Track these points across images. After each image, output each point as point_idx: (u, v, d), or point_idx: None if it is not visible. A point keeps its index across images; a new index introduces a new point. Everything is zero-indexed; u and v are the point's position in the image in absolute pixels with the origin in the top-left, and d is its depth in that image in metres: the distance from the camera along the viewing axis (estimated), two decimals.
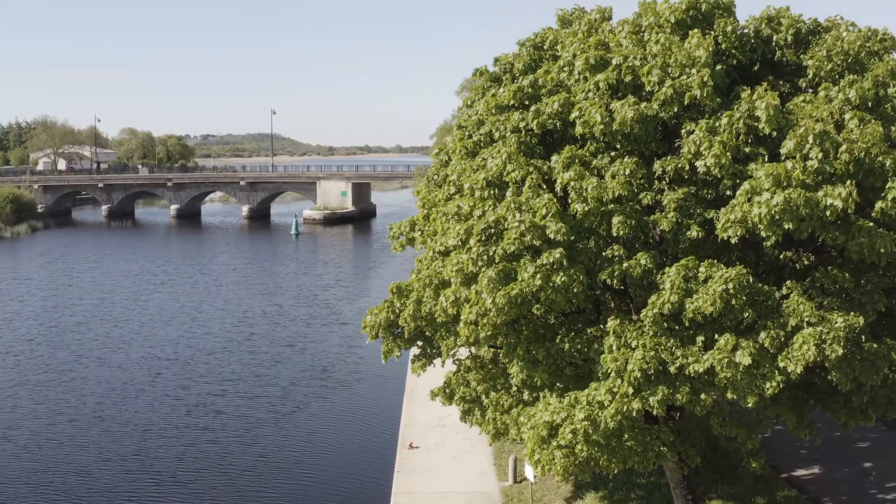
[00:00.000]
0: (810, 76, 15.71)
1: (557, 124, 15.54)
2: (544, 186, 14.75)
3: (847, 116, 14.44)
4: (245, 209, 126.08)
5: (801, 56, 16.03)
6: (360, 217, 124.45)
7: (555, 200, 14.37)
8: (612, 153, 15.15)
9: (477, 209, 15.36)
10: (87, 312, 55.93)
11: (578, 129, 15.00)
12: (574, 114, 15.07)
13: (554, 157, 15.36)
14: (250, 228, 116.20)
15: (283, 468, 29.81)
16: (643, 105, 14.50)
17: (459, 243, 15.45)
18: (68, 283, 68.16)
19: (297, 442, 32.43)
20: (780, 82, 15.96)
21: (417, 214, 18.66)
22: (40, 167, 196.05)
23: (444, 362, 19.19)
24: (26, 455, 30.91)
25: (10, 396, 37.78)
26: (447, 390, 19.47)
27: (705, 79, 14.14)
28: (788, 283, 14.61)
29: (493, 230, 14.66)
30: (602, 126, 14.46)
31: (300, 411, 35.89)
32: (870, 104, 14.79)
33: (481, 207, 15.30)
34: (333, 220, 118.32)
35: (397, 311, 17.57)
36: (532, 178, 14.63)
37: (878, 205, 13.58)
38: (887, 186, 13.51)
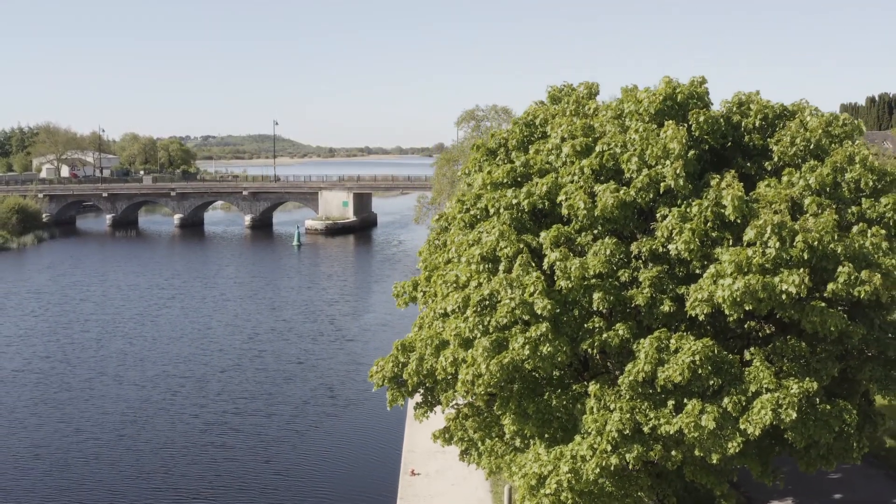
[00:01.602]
0: (775, 159, 17.43)
1: (546, 204, 17.26)
2: (533, 264, 16.47)
3: (806, 202, 16.20)
4: (248, 218, 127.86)
5: (769, 139, 17.76)
6: (362, 227, 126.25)
7: (542, 278, 16.09)
8: (595, 231, 16.86)
9: (473, 280, 17.09)
10: (101, 329, 57.63)
11: (564, 211, 16.74)
12: (561, 197, 16.80)
13: (543, 234, 17.07)
14: (253, 238, 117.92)
15: (295, 488, 31.62)
16: (622, 192, 16.23)
17: (457, 309, 17.20)
18: (80, 297, 69.85)
19: (308, 461, 34.20)
20: (748, 164, 17.69)
21: (420, 275, 20.39)
22: (44, 173, 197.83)
23: (444, 409, 20.93)
24: (55, 472, 32.74)
25: (34, 414, 39.55)
26: (446, 434, 21.18)
27: (678, 171, 15.88)
28: (752, 349, 16.37)
29: (487, 302, 16.41)
30: (585, 212, 16.19)
31: (310, 431, 37.58)
32: (828, 189, 16.54)
33: (477, 279, 17.03)
34: (335, 230, 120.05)
35: (401, 365, 19.30)
36: (522, 257, 16.35)
37: (830, 286, 15.29)
38: (838, 270, 15.23)
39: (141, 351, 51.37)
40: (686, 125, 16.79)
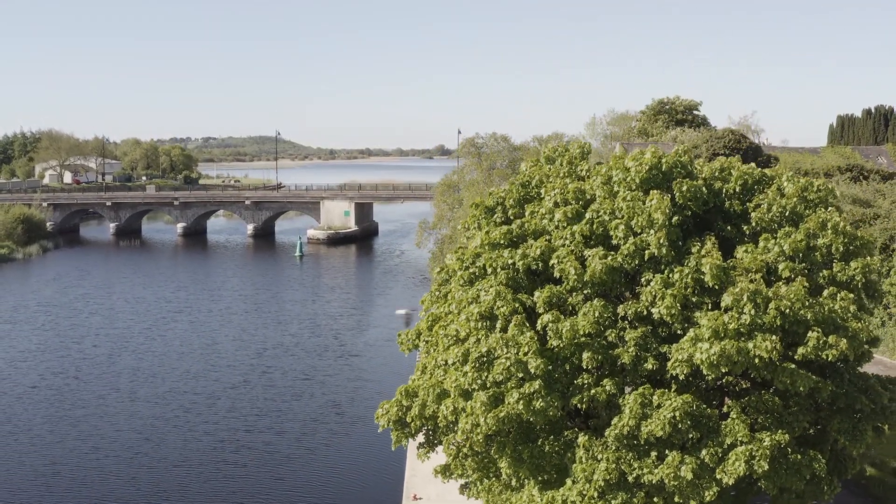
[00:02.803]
0: (753, 224, 18.79)
1: (540, 265, 18.63)
2: (527, 324, 17.83)
3: (781, 266, 17.59)
4: (250, 228, 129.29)
5: (748, 204, 19.12)
6: (363, 236, 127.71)
7: (535, 338, 17.46)
8: (586, 292, 18.22)
9: (472, 336, 18.47)
10: (112, 344, 59.10)
11: (556, 273, 18.11)
12: (553, 260, 18.17)
13: (537, 293, 18.43)
14: (255, 248, 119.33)
15: None
16: (610, 259, 17.60)
17: (457, 362, 18.58)
18: (89, 310, 71.31)
19: (317, 480, 35.82)
20: (729, 227, 19.05)
21: (423, 322, 21.75)
22: (46, 179, 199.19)
23: (445, 450, 22.30)
24: (75, 489, 34.42)
25: (51, 431, 41.07)
26: (447, 471, 22.55)
27: (661, 240, 17.26)
28: (729, 402, 17.75)
29: (485, 359, 17.80)
30: (575, 277, 17.57)
31: (321, 449, 39.16)
32: (801, 255, 17.93)
33: (475, 335, 18.40)
34: (337, 240, 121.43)
35: (405, 409, 20.66)
36: (518, 317, 17.72)
37: (801, 350, 16.66)
38: (808, 335, 16.60)
39: (151, 367, 52.78)
40: (670, 194, 18.13)
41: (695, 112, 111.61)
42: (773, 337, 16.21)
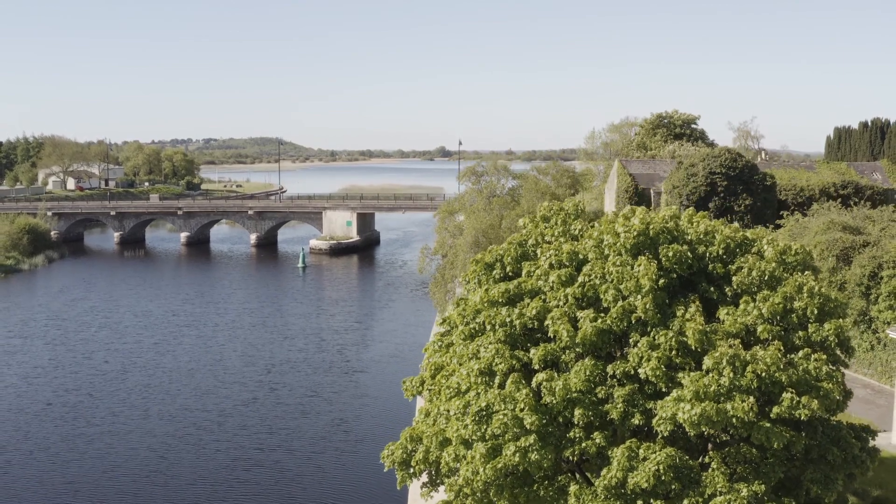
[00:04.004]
0: (735, 286, 20.16)
1: (536, 324, 20.03)
2: (524, 381, 19.22)
3: (759, 329, 18.99)
4: (253, 237, 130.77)
5: (730, 266, 20.50)
6: (365, 246, 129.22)
7: (531, 395, 18.85)
8: (578, 350, 19.60)
9: (472, 390, 19.89)
10: (123, 359, 60.76)
11: (550, 334, 19.51)
12: (548, 321, 19.57)
13: (532, 351, 19.82)
14: (259, 258, 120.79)
15: None
16: (599, 321, 18.99)
17: (458, 413, 20.00)
18: (98, 324, 72.91)
19: (329, 499, 37.24)
20: (712, 289, 20.42)
21: (426, 371, 23.15)
22: (50, 186, 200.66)
23: (447, 492, 23.70)
24: None
25: (69, 449, 42.72)
26: None
27: (648, 305, 18.65)
28: (710, 452, 19.14)
29: (484, 412, 19.22)
30: (568, 339, 18.97)
31: (329, 468, 40.82)
32: (778, 317, 19.32)
33: (475, 389, 19.83)
34: (339, 250, 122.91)
35: (409, 452, 22.09)
36: (515, 375, 19.13)
37: (775, 409, 18.04)
38: (783, 396, 17.98)
39: (162, 383, 54.33)
40: (655, 263, 19.51)
41: (693, 126, 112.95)
42: (751, 398, 17.58)
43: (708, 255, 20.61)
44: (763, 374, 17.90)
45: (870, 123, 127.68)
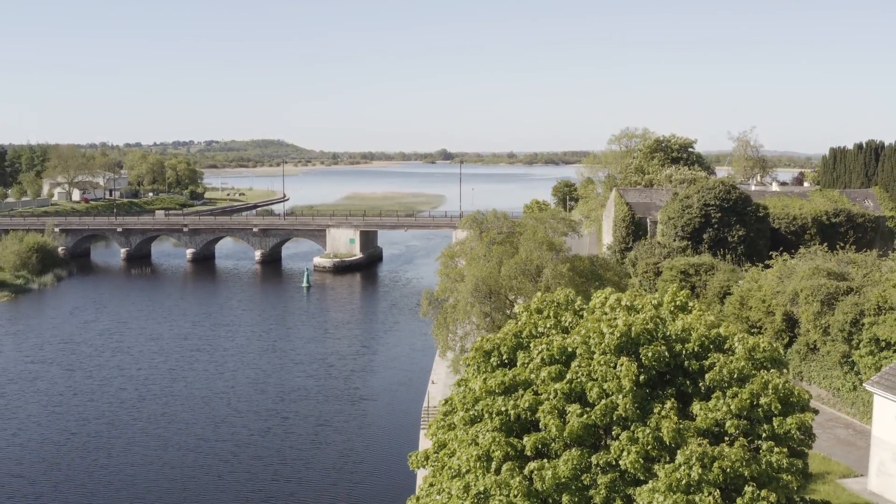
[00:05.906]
0: (707, 381, 22.50)
1: (528, 414, 22.38)
2: (518, 468, 21.55)
3: (727, 424, 21.33)
4: (258, 254, 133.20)
5: (703, 362, 22.83)
6: (368, 263, 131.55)
7: (524, 481, 21.18)
8: (567, 440, 21.94)
9: (471, 473, 22.24)
10: (138, 387, 63.20)
11: (541, 425, 21.87)
12: (539, 413, 21.91)
13: (525, 438, 22.14)
14: (263, 276, 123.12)
15: None
16: (585, 416, 21.33)
17: (459, 494, 22.37)
18: (111, 348, 75.41)
19: None
20: (687, 382, 22.76)
21: (431, 447, 25.48)
22: (56, 198, 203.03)
23: None
24: None
25: (97, 481, 45.21)
26: None
27: (628, 404, 21.01)
28: None
29: (482, 495, 21.56)
30: (556, 432, 21.33)
31: (340, 499, 43.18)
32: (745, 412, 21.67)
33: (474, 472, 22.18)
34: (342, 268, 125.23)
35: None
36: (510, 463, 21.47)
37: (738, 501, 20.38)
38: (745, 489, 20.33)
39: (177, 412, 56.81)
40: (635, 364, 21.88)
41: (689, 150, 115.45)
42: (716, 492, 19.93)
43: (684, 352, 22.93)
44: (728, 470, 20.23)
45: (864, 145, 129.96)
